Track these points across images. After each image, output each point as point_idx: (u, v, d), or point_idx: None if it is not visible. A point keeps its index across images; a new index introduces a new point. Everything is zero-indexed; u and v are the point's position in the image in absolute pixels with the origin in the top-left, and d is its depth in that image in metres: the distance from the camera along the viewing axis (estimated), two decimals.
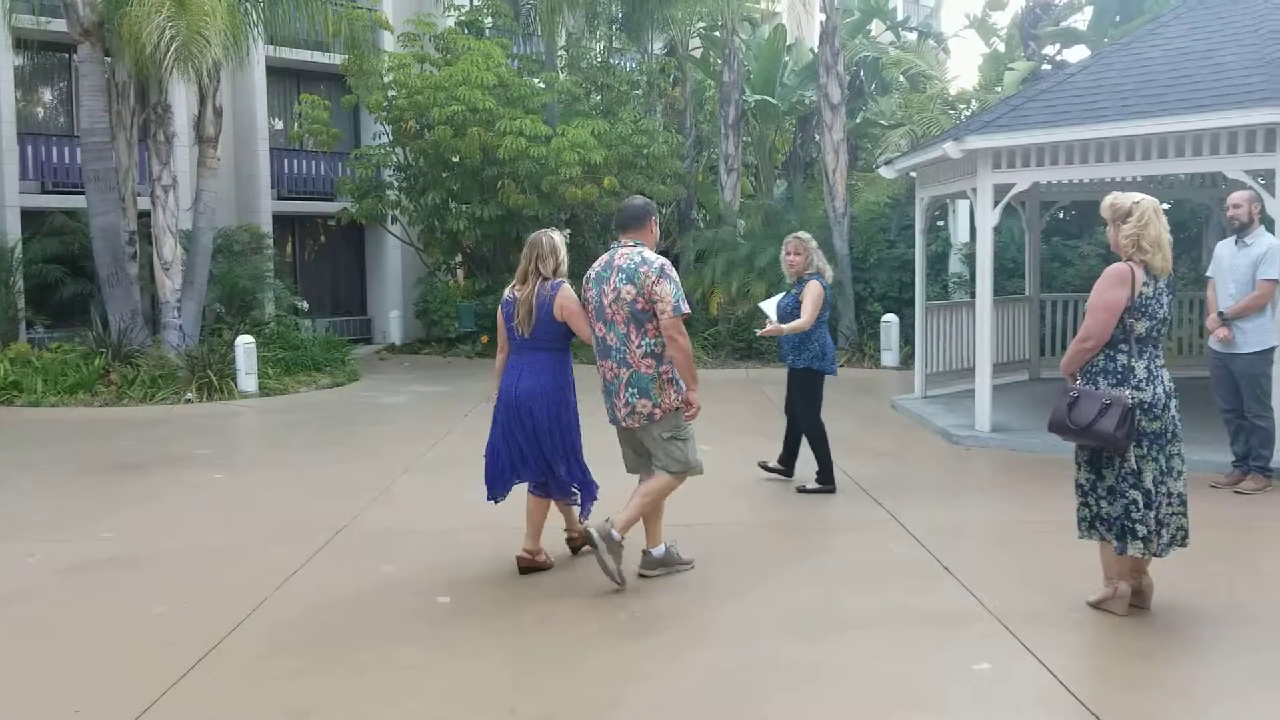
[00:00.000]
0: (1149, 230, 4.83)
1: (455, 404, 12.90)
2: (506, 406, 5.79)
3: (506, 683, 4.37)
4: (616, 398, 5.61)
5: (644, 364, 5.49)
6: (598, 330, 5.63)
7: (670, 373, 5.52)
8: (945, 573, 5.78)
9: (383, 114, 19.71)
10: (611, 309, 5.52)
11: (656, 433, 5.59)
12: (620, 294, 5.46)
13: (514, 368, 5.80)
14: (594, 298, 5.62)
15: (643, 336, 5.47)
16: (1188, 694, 4.26)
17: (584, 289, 5.73)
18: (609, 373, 5.63)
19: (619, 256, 5.56)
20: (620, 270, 5.50)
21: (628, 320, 5.47)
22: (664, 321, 5.40)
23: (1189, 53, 9.25)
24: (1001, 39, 19.43)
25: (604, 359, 5.64)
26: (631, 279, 5.44)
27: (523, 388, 5.71)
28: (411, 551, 6.39)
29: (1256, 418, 7.44)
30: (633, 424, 5.61)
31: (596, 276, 5.64)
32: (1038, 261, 13.61)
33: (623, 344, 5.51)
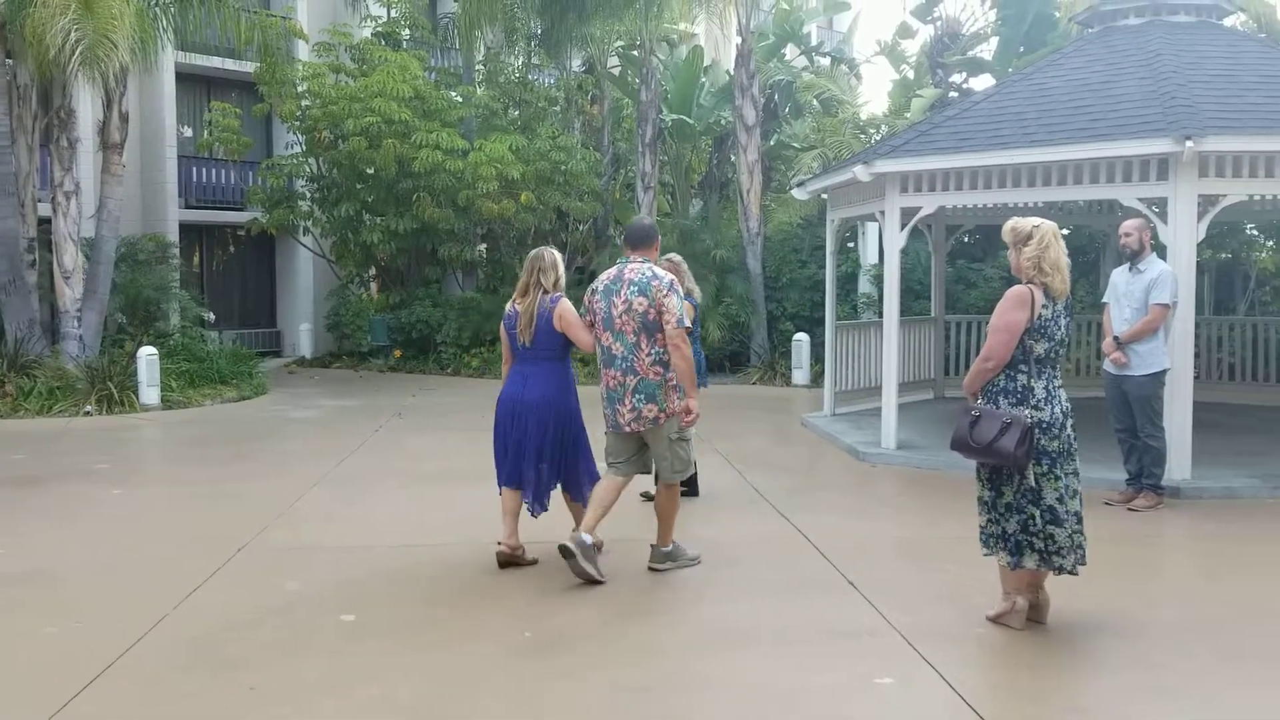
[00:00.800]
0: (1049, 253, 4.98)
1: (367, 419, 12.73)
2: (512, 413, 6.12)
3: (407, 702, 4.32)
4: (621, 404, 5.91)
5: (652, 371, 5.84)
6: (604, 340, 5.94)
7: (674, 380, 5.86)
8: (850, 587, 5.87)
9: (296, 124, 19.43)
10: (621, 320, 5.84)
11: (664, 434, 5.92)
12: (632, 305, 5.81)
13: (518, 376, 6.15)
14: (602, 309, 5.93)
15: (652, 345, 5.83)
16: (1080, 706, 4.38)
17: (589, 300, 6.04)
18: (613, 380, 5.92)
19: (629, 271, 5.89)
20: (632, 284, 5.84)
21: (638, 330, 5.82)
22: (669, 332, 5.77)
23: (1087, 84, 9.59)
24: (911, 66, 19.88)
25: (608, 368, 5.94)
26: (644, 291, 5.79)
27: (530, 397, 6.07)
28: (317, 569, 6.28)
29: (1149, 437, 7.70)
30: (638, 428, 5.91)
31: (605, 289, 5.93)
32: (943, 283, 13.94)
33: (630, 353, 5.85)
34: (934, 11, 19.10)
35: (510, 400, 6.14)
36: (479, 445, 10.73)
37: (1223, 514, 7.64)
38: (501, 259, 21.05)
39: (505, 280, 20.35)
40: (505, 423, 6.16)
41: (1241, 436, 10.32)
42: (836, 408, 11.98)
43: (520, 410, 6.08)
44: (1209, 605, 5.71)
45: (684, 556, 6.28)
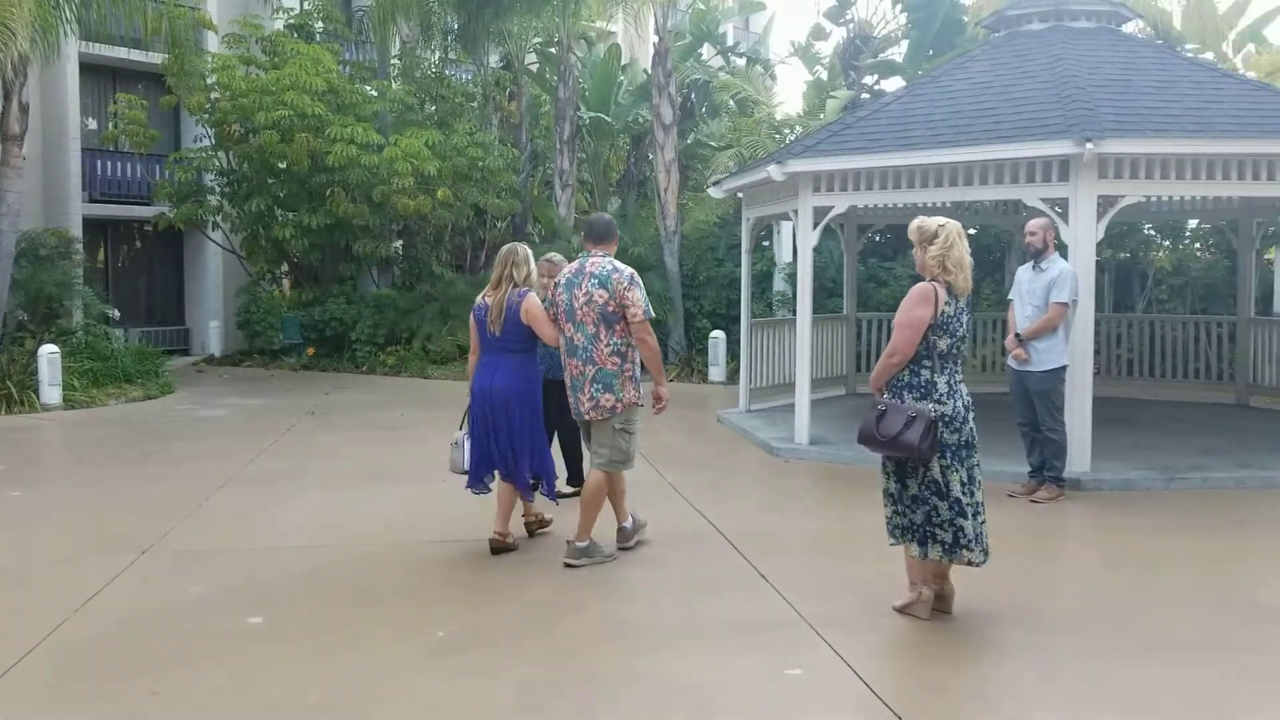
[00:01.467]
0: (953, 252, 5.11)
1: (277, 417, 12.51)
2: (483, 403, 6.38)
3: (316, 705, 4.27)
4: (581, 393, 6.11)
5: (610, 361, 6.05)
6: (566, 330, 6.15)
7: (631, 371, 6.10)
8: (762, 580, 5.95)
9: (205, 116, 19.00)
10: (582, 311, 6.05)
11: (613, 424, 6.10)
12: (593, 297, 6.02)
13: (487, 368, 6.40)
14: (564, 301, 6.14)
15: (610, 336, 6.04)
16: (983, 694, 4.50)
17: (552, 293, 6.29)
18: (575, 370, 6.13)
19: (590, 264, 6.11)
20: (593, 276, 6.06)
21: (597, 321, 6.03)
22: (634, 324, 6.02)
23: (992, 87, 9.83)
24: (824, 67, 20.17)
25: (571, 357, 6.15)
26: (604, 284, 6.01)
27: (498, 386, 6.33)
28: (223, 571, 6.16)
29: (1050, 431, 7.93)
30: (595, 417, 6.10)
31: (567, 282, 6.15)
32: (855, 282, 14.16)
33: (590, 343, 6.05)
34: (846, 14, 19.39)
35: (481, 392, 6.39)
36: (392, 445, 10.67)
37: (1121, 505, 7.90)
38: (418, 256, 20.83)
39: (421, 278, 20.15)
40: (479, 414, 6.41)
41: (1139, 430, 10.67)
42: (751, 404, 12.10)
43: (491, 400, 6.34)
44: (1108, 594, 5.90)
45: (600, 553, 6.31)
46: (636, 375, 6.16)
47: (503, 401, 6.32)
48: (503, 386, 6.32)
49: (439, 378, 16.88)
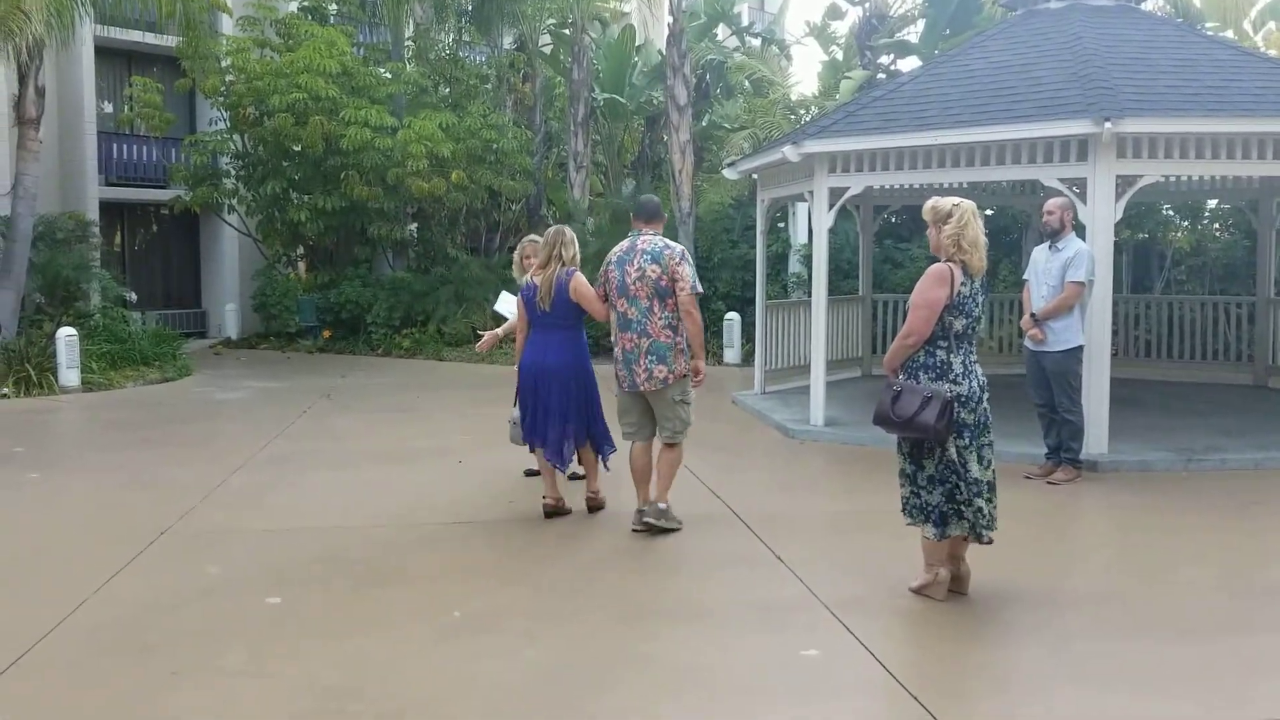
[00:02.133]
0: (968, 231, 5.08)
1: (294, 400, 12.56)
2: (535, 378, 6.68)
3: (335, 685, 4.29)
4: (637, 365, 6.37)
5: (664, 334, 6.33)
6: (619, 306, 6.41)
7: (683, 344, 6.37)
8: (777, 562, 5.95)
9: (220, 99, 19.03)
10: (635, 286, 6.32)
11: (670, 395, 6.40)
12: (645, 272, 6.29)
13: (538, 344, 6.70)
14: (616, 277, 6.40)
15: (664, 310, 6.32)
16: (998, 674, 4.50)
17: (604, 272, 6.49)
18: (629, 343, 6.39)
19: (642, 242, 6.39)
20: (645, 253, 6.33)
21: (651, 295, 6.30)
22: (682, 298, 6.28)
23: (1010, 66, 9.74)
24: (840, 48, 20.04)
25: (624, 331, 6.41)
26: (657, 260, 6.29)
27: (551, 362, 6.64)
28: (242, 552, 6.21)
29: (1067, 412, 7.89)
30: (650, 388, 6.38)
31: (619, 259, 6.40)
32: (870, 263, 14.11)
33: (644, 317, 6.33)
34: None
35: (533, 366, 6.69)
36: (408, 426, 10.71)
37: (1138, 487, 7.86)
38: (432, 238, 20.83)
39: (436, 260, 20.16)
40: (530, 388, 6.71)
41: (1157, 411, 10.61)
42: (766, 386, 12.09)
43: (543, 375, 6.65)
44: (1125, 575, 5.89)
45: (673, 520, 6.55)
46: (687, 348, 6.42)
47: (556, 374, 6.64)
48: (555, 362, 6.64)
49: (454, 360, 16.91)
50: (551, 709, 4.09)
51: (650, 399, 6.46)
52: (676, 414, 6.45)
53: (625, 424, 6.61)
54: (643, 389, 6.41)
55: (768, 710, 4.11)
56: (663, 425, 6.50)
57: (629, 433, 6.62)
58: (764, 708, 4.13)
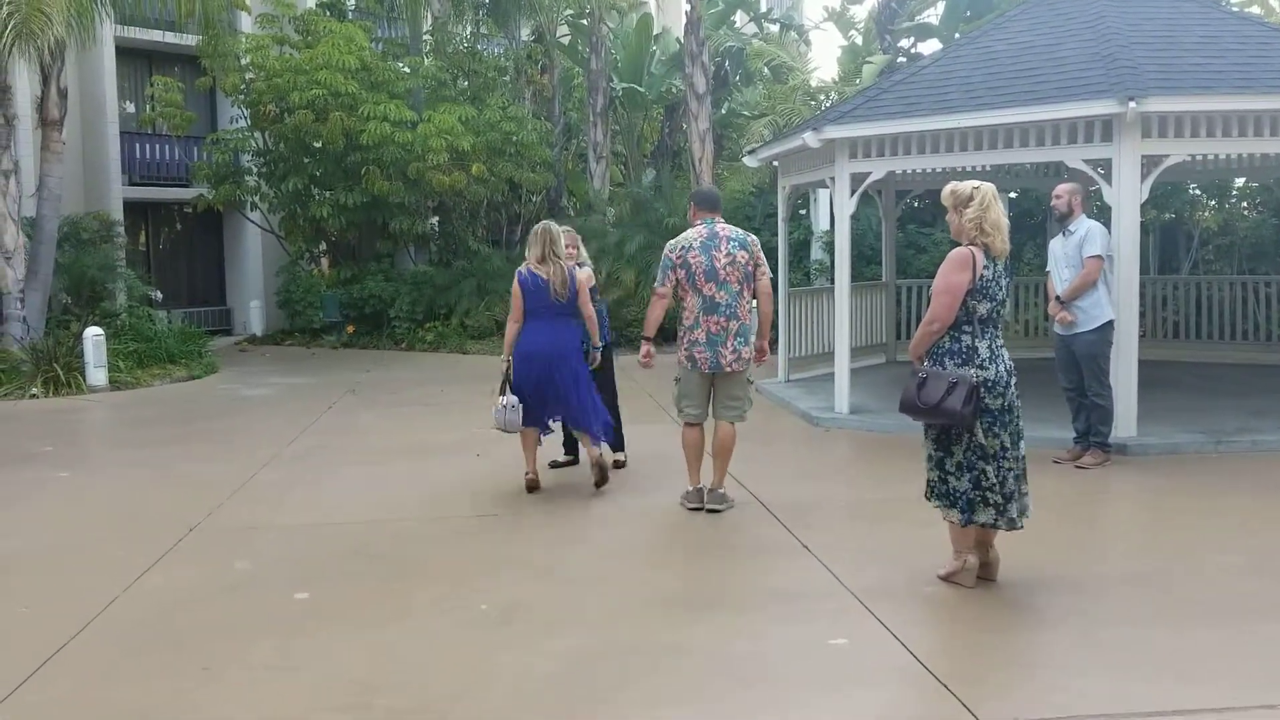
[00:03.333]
0: (990, 214, 5.03)
1: (319, 396, 12.62)
2: (539, 363, 7.01)
3: (363, 679, 4.30)
4: (724, 346, 6.56)
5: (748, 317, 6.65)
6: (706, 290, 6.56)
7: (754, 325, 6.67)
8: (805, 551, 5.93)
9: (240, 97, 19.10)
10: (725, 271, 6.54)
11: (745, 375, 6.67)
12: (735, 258, 6.54)
13: (540, 331, 7.03)
14: (703, 262, 6.56)
15: (748, 294, 6.61)
16: (1030, 661, 4.46)
17: (681, 256, 6.62)
18: (715, 326, 6.57)
19: (721, 229, 6.64)
20: (729, 239, 6.59)
21: (741, 280, 6.55)
22: (764, 282, 6.60)
23: (1032, 47, 9.64)
24: (860, 32, 19.92)
25: (711, 314, 6.57)
26: (744, 246, 6.58)
27: (559, 346, 7.04)
28: (270, 548, 6.24)
29: (1096, 395, 7.82)
30: (736, 369, 6.61)
31: (702, 245, 6.59)
32: (894, 248, 14.02)
33: (734, 300, 6.55)
34: None
35: (538, 354, 7.02)
36: (433, 420, 10.74)
37: (1168, 470, 7.79)
38: (454, 232, 20.87)
39: (458, 253, 20.19)
40: (535, 374, 7.03)
41: (1186, 394, 10.51)
42: (790, 374, 12.05)
43: (552, 359, 7.01)
44: (1155, 560, 5.83)
45: (729, 502, 6.85)
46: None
47: (563, 358, 7.03)
48: (564, 346, 7.06)
49: (477, 353, 16.95)
50: (579, 700, 4.09)
51: (724, 380, 6.67)
52: (746, 394, 6.75)
53: (690, 406, 6.77)
54: (728, 370, 6.61)
55: (797, 699, 4.09)
56: (729, 406, 6.71)
57: (694, 415, 6.77)
58: (793, 697, 4.11)
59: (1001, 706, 3.95)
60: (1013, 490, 5.10)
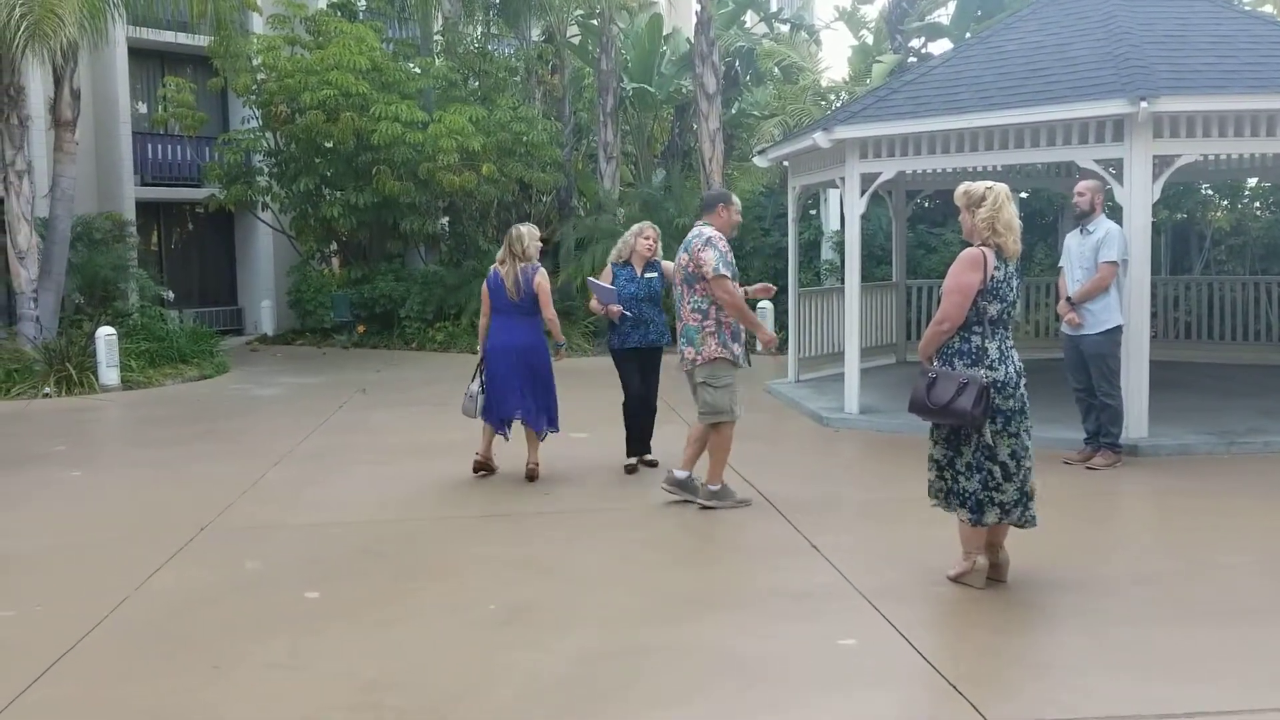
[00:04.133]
0: (1003, 214, 5.03)
1: (330, 395, 12.66)
2: (506, 355, 7.52)
3: (373, 678, 4.31)
4: (683, 348, 6.75)
5: (692, 318, 6.67)
6: (675, 293, 6.88)
7: (712, 328, 6.61)
8: (814, 551, 5.93)
9: (251, 98, 19.15)
10: (674, 273, 6.89)
11: (697, 378, 6.72)
12: (679, 261, 6.77)
13: (505, 328, 7.54)
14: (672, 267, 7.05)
15: (692, 295, 6.65)
16: (1039, 662, 4.45)
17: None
18: (678, 326, 6.80)
19: (692, 232, 6.78)
20: (684, 243, 6.79)
21: (683, 281, 6.70)
22: (709, 281, 6.53)
23: (1043, 47, 9.62)
24: (870, 32, 19.89)
25: (677, 316, 6.83)
26: (685, 248, 6.71)
27: (521, 342, 7.51)
28: (280, 547, 6.26)
29: (1105, 396, 7.80)
30: (683, 369, 6.80)
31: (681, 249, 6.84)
32: (904, 249, 14.00)
33: (679, 302, 6.76)
34: None
35: (504, 348, 7.52)
36: (443, 420, 10.74)
37: (1179, 471, 7.76)
38: (464, 232, 20.89)
39: (468, 254, 20.22)
40: (502, 367, 7.52)
41: (1197, 394, 10.47)
42: (800, 374, 12.04)
43: (513, 354, 7.48)
44: (1165, 561, 5.81)
45: (732, 497, 6.87)
46: (722, 333, 6.62)
47: (525, 354, 7.49)
48: (527, 343, 7.51)
49: None
50: (587, 699, 4.10)
51: (690, 380, 6.83)
52: (702, 397, 6.73)
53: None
54: (682, 370, 6.84)
55: (805, 700, 4.09)
56: (698, 406, 6.82)
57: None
58: (802, 697, 4.11)
59: (1010, 707, 3.95)
60: (1013, 491, 5.09)
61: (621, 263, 7.87)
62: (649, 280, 7.81)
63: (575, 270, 17.61)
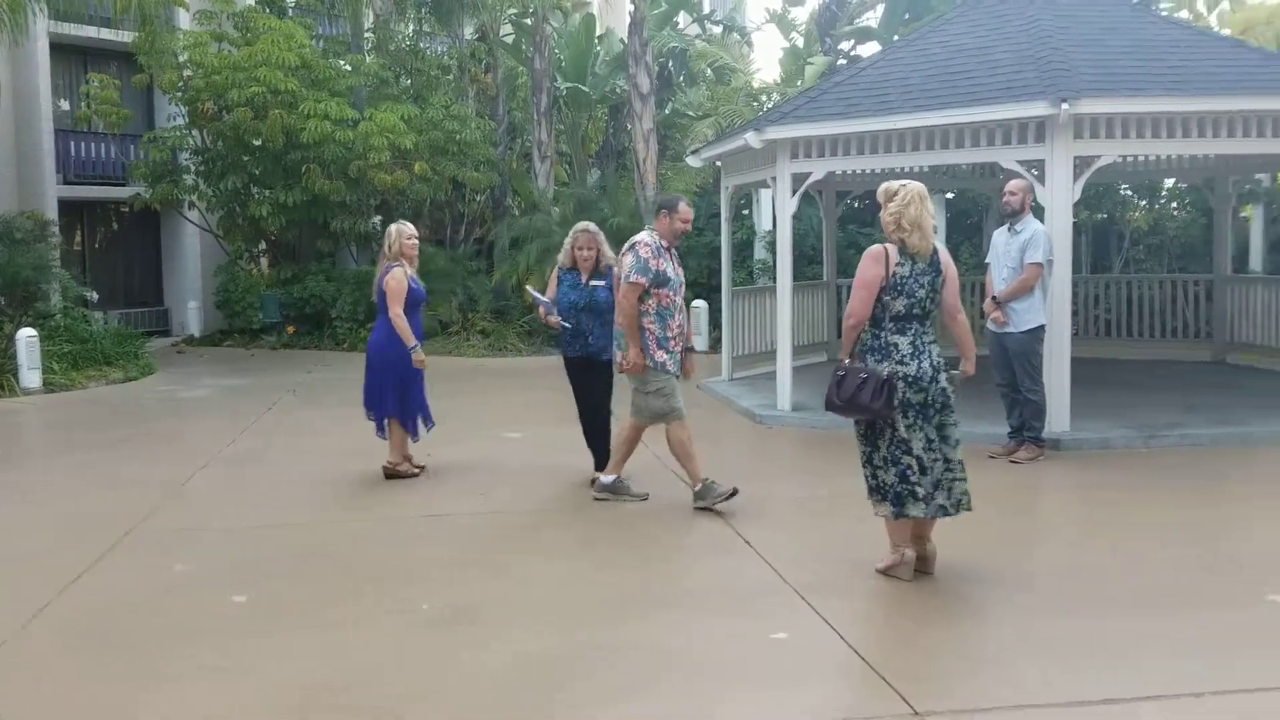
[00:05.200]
0: (909, 211, 5.13)
1: (258, 397, 12.47)
2: (368, 354, 7.83)
3: (307, 681, 4.28)
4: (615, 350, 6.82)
5: (618, 321, 6.74)
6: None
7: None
8: (748, 547, 5.99)
9: (178, 95, 18.79)
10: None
11: (630, 383, 6.78)
12: (618, 265, 6.80)
13: (377, 326, 7.77)
14: None
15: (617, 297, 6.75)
16: (964, 652, 4.55)
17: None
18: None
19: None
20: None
21: (617, 285, 6.72)
22: (622, 284, 6.58)
23: (968, 49, 9.81)
24: (801, 34, 20.10)
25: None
26: (623, 254, 6.72)
27: (373, 340, 7.79)
28: (208, 550, 6.17)
29: (1029, 392, 7.99)
30: (618, 370, 6.85)
31: None
32: (835, 248, 14.19)
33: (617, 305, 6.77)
34: None
35: (368, 346, 7.90)
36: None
37: (1100, 464, 7.97)
38: None
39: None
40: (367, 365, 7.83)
41: (1118, 389, 10.75)
42: (734, 372, 12.13)
43: (370, 351, 7.78)
44: (1087, 551, 5.97)
45: (626, 492, 7.02)
46: (646, 339, 6.63)
47: (373, 353, 7.69)
48: (374, 340, 7.75)
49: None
50: (530, 698, 4.10)
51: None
52: (633, 397, 6.79)
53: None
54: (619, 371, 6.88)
55: (739, 694, 4.14)
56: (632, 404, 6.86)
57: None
58: (735, 692, 4.16)
59: (939, 699, 4.03)
60: (940, 479, 5.20)
61: (568, 268, 7.37)
62: (593, 289, 7.22)
63: (510, 269, 17.55)
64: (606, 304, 7.12)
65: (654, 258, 6.61)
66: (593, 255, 7.25)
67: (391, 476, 7.73)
